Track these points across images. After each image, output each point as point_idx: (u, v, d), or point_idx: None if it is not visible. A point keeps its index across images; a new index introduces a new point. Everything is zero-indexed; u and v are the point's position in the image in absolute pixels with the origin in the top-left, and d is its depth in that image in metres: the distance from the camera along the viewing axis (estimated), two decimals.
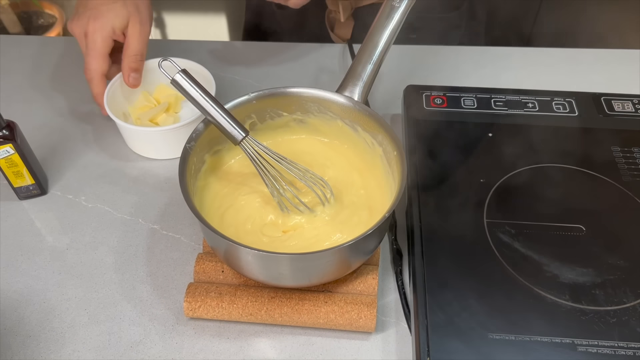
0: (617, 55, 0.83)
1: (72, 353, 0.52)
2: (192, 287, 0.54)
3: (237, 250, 0.48)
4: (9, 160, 0.60)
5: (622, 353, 0.47)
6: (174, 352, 0.52)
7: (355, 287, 0.55)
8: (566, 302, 0.50)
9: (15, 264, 0.59)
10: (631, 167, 0.61)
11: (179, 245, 0.61)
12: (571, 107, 0.68)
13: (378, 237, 0.53)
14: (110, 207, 0.65)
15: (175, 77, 0.53)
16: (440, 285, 0.51)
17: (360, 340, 0.53)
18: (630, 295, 0.50)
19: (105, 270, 0.59)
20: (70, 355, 0.52)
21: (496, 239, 0.54)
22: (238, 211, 0.57)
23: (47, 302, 0.56)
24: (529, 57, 0.83)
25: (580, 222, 0.56)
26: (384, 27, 0.58)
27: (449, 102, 0.68)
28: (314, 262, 0.49)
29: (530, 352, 0.47)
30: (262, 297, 0.53)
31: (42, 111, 0.76)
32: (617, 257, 0.53)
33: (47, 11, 2.23)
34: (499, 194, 0.58)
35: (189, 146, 0.54)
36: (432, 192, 0.59)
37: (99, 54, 0.67)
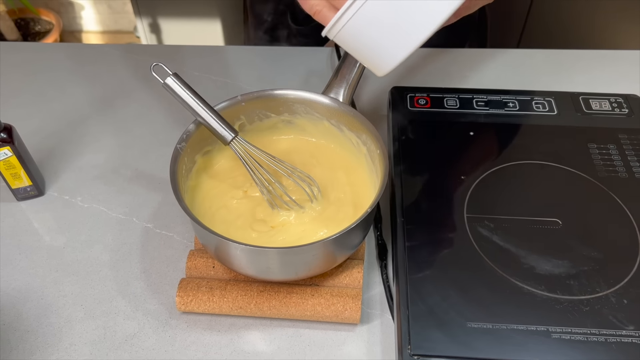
0: (598, 55, 0.86)
1: (69, 347, 0.54)
2: (184, 282, 0.56)
3: (227, 245, 0.50)
4: (7, 163, 0.62)
5: (594, 339, 0.49)
6: (167, 344, 0.55)
7: (341, 280, 0.57)
8: (542, 292, 0.52)
9: (13, 262, 0.61)
10: (607, 164, 0.63)
11: (172, 242, 0.63)
12: (550, 106, 0.70)
13: (362, 232, 0.55)
14: (105, 207, 0.67)
15: (167, 81, 0.55)
16: (421, 276, 0.53)
17: (346, 332, 0.56)
18: (603, 285, 0.52)
19: (101, 267, 0.61)
20: (67, 349, 0.54)
21: (476, 232, 0.57)
22: (229, 210, 0.59)
23: (44, 299, 0.58)
24: (512, 58, 0.86)
25: (556, 216, 0.58)
26: None
27: (432, 103, 0.70)
28: (300, 256, 0.51)
29: (507, 340, 0.49)
30: (252, 291, 0.55)
31: (38, 115, 0.78)
32: (591, 249, 0.55)
33: (44, 18, 2.26)
34: (479, 190, 0.60)
35: (179, 147, 0.56)
36: (415, 189, 0.61)
37: None
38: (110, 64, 0.87)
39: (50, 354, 0.54)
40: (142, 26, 2.05)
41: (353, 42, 0.47)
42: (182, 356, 0.54)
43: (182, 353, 0.54)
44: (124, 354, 0.54)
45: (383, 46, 0.46)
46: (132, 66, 0.86)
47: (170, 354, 0.54)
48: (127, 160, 0.72)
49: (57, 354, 0.54)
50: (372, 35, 0.46)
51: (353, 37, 0.46)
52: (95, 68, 0.86)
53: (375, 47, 0.46)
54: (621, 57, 0.85)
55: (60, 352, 0.54)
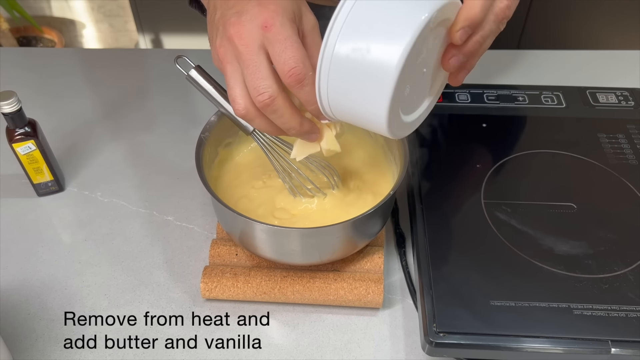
0: (599, 55, 0.88)
1: (95, 335, 0.55)
2: (208, 269, 0.57)
3: (252, 228, 0.51)
4: (30, 157, 0.63)
5: (615, 315, 0.50)
6: (192, 331, 0.55)
7: (363, 266, 0.58)
8: (561, 272, 0.53)
9: (36, 255, 0.62)
10: (617, 152, 0.65)
11: (193, 234, 0.64)
12: (559, 100, 0.72)
13: (382, 217, 0.56)
14: (125, 202, 0.68)
15: (190, 73, 0.56)
16: (443, 259, 0.54)
17: (369, 317, 0.56)
18: (620, 264, 0.54)
19: (123, 258, 0.62)
20: (92, 337, 0.55)
21: (494, 217, 0.58)
22: (250, 199, 0.60)
23: (68, 289, 0.59)
24: (518, 58, 0.88)
25: (571, 201, 0.59)
26: None
27: (445, 97, 0.72)
28: (323, 238, 0.52)
29: (530, 316, 0.50)
30: (275, 276, 0.56)
31: (56, 116, 0.79)
32: (606, 230, 0.56)
33: (46, 36, 2.28)
34: (494, 178, 0.62)
35: (203, 136, 0.58)
36: (432, 178, 0.62)
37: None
38: (124, 67, 0.88)
39: (76, 343, 0.54)
40: (144, 42, 2.08)
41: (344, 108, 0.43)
42: (207, 343, 0.54)
43: (207, 339, 0.54)
44: (149, 340, 0.54)
45: (366, 98, 0.41)
46: (146, 69, 0.88)
47: (194, 341, 0.54)
48: (145, 157, 0.73)
49: (83, 341, 0.54)
50: (353, 91, 0.41)
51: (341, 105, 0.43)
52: (110, 71, 0.88)
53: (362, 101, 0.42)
54: (622, 57, 0.88)
55: (86, 339, 0.54)
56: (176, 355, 0.53)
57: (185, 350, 0.54)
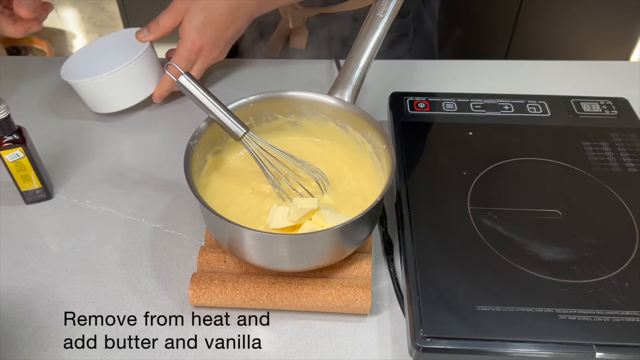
0: (584, 66, 0.90)
1: (81, 342, 0.54)
2: (196, 276, 0.57)
3: (239, 234, 0.51)
4: (19, 164, 0.63)
5: (600, 319, 0.50)
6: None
7: (351, 272, 0.58)
8: (547, 277, 0.54)
9: (23, 262, 0.62)
10: (600, 159, 0.66)
11: (181, 241, 0.64)
12: (544, 109, 0.73)
13: (370, 224, 0.57)
14: (113, 209, 0.68)
15: (180, 80, 0.57)
16: (430, 265, 0.55)
17: (357, 323, 0.57)
18: (604, 270, 0.54)
19: (111, 266, 0.61)
20: (79, 344, 0.54)
21: (480, 223, 0.58)
22: (238, 205, 0.60)
23: (55, 296, 0.59)
24: (503, 69, 0.90)
25: (556, 208, 0.60)
26: (370, 35, 0.63)
27: (431, 106, 0.73)
28: (311, 244, 0.52)
29: (516, 321, 0.50)
30: (263, 283, 0.56)
31: (44, 124, 0.79)
32: (591, 236, 0.57)
33: (36, 46, 2.27)
34: (480, 185, 0.63)
35: (192, 143, 0.58)
36: (420, 185, 0.63)
37: None
38: None
39: (63, 350, 0.54)
40: None
41: None
42: (194, 350, 0.54)
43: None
44: (137, 348, 0.54)
45: None
46: None
47: (182, 348, 0.54)
48: (134, 164, 0.74)
49: (70, 349, 0.54)
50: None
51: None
52: None
53: None
54: (605, 67, 0.90)
55: (73, 347, 0.54)
56: (176, 355, 0.53)
57: (185, 350, 0.54)
